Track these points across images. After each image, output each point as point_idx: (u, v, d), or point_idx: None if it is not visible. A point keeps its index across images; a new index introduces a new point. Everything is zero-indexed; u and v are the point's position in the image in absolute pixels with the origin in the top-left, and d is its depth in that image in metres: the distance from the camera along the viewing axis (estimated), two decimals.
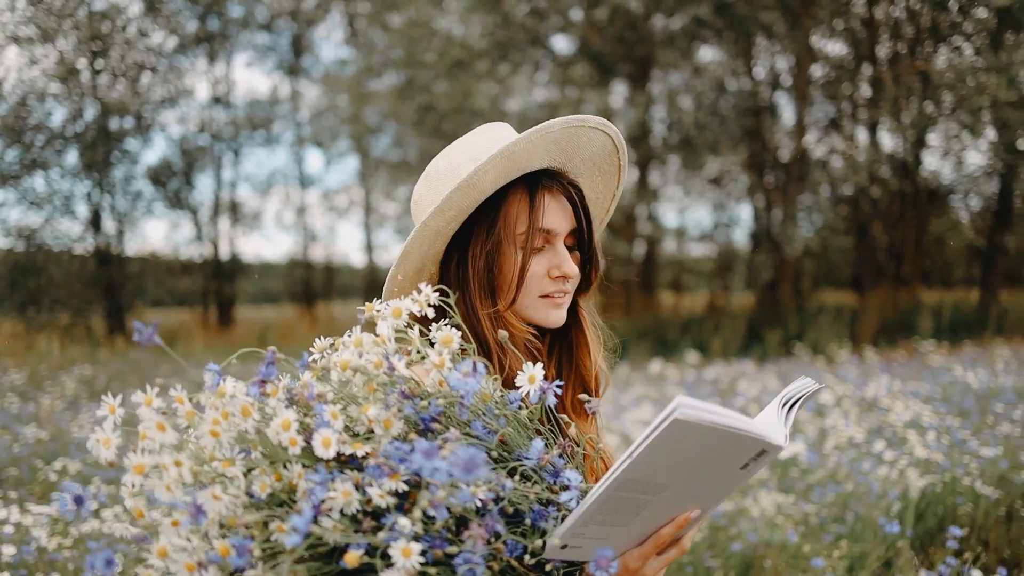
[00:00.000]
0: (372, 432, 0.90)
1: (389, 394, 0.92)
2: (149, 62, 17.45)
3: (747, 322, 13.29)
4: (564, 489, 0.95)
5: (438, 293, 1.06)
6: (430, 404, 0.92)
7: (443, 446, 0.83)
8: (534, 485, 0.94)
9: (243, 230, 20.82)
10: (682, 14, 14.89)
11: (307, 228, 22.12)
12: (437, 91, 14.96)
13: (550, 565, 0.94)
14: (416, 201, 1.35)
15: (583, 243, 1.30)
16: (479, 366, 0.93)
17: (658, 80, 16.92)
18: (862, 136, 16.22)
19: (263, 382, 0.93)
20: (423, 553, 0.83)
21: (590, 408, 1.09)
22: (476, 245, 1.25)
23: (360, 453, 0.87)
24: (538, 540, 0.92)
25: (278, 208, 28.93)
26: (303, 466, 0.86)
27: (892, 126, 13.87)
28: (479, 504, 0.85)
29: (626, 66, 15.85)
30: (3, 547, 2.74)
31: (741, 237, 20.65)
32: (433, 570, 0.83)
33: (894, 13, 14.46)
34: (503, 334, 1.12)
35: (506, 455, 0.97)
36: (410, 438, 0.88)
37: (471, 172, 1.18)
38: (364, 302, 1.06)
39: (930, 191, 15.21)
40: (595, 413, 1.18)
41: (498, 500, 0.89)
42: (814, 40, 14.90)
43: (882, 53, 14.87)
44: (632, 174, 15.73)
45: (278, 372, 0.95)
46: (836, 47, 15.80)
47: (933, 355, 8.10)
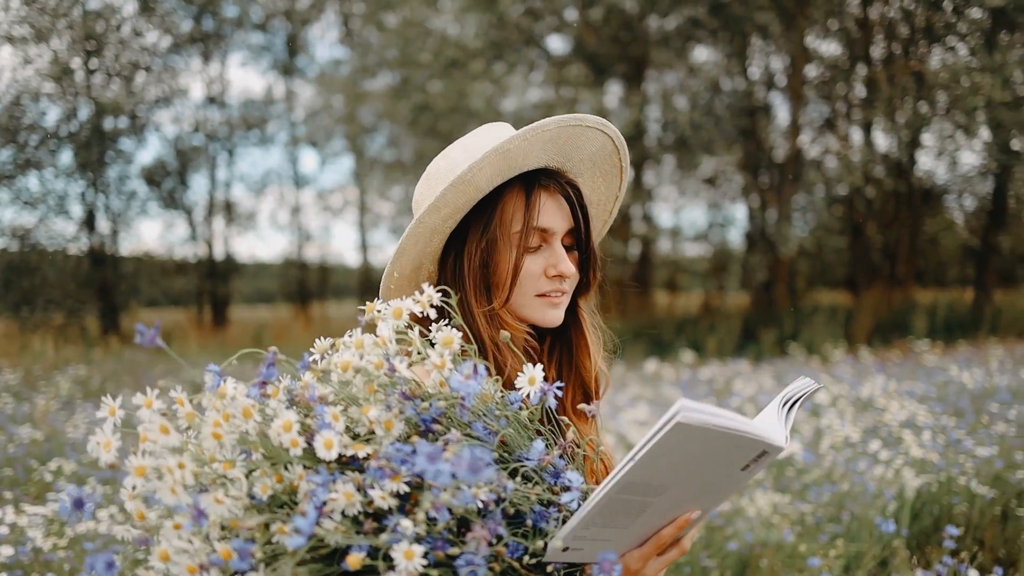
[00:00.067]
0: (373, 433, 0.90)
1: (390, 395, 0.91)
2: (143, 62, 17.40)
3: (742, 322, 13.33)
4: (565, 490, 0.94)
5: (440, 294, 1.05)
6: (431, 405, 0.92)
7: (446, 448, 0.82)
8: (535, 486, 0.94)
9: (238, 230, 20.75)
10: (677, 14, 14.90)
11: (302, 228, 22.07)
12: (432, 91, 14.95)
13: (551, 566, 0.94)
14: (416, 200, 1.35)
15: (581, 243, 1.29)
16: (480, 368, 0.92)
17: (653, 80, 16.92)
18: (857, 136, 16.27)
19: (264, 383, 0.93)
20: (424, 555, 0.82)
21: (590, 412, 1.09)
22: (472, 243, 1.25)
23: (361, 454, 0.86)
24: (539, 541, 0.92)
25: (273, 208, 28.85)
26: (304, 467, 0.85)
27: (886, 126, 13.88)
28: (480, 505, 0.85)
29: (621, 66, 15.84)
30: None
31: (736, 237, 20.64)
32: (435, 572, 0.82)
33: (888, 13, 14.49)
34: (505, 335, 1.12)
35: (507, 456, 0.96)
36: (411, 439, 0.88)
37: (466, 169, 1.18)
38: (359, 302, 1.06)
39: (924, 191, 15.25)
40: (595, 416, 1.18)
41: (499, 501, 0.88)
42: (809, 40, 14.93)
43: (876, 53, 14.90)
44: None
45: (278, 373, 0.94)
46: (831, 47, 15.86)
47: (928, 355, 8.12)
